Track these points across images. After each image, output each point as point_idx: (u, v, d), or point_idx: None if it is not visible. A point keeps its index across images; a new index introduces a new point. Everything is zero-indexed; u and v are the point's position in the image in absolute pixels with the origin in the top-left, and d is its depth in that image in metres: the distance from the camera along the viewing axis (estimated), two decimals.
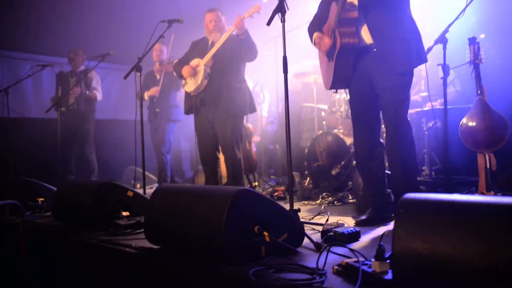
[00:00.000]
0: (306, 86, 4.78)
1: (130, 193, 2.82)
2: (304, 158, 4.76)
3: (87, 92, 5.35)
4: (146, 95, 5.02)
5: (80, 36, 6.02)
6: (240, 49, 3.50)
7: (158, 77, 5.05)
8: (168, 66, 4.94)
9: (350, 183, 3.75)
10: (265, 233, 1.75)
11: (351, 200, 3.42)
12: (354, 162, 3.68)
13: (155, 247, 2.09)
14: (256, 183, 4.52)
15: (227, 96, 3.60)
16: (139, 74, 3.44)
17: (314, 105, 4.41)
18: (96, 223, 2.68)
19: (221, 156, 3.82)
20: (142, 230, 2.54)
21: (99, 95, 5.48)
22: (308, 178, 4.21)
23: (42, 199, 3.63)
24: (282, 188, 4.21)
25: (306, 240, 1.96)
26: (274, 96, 5.00)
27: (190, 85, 3.66)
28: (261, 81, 5.18)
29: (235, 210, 1.68)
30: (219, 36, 3.65)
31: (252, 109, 3.75)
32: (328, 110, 4.29)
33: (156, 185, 5.87)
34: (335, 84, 2.51)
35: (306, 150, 4.28)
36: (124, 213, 2.74)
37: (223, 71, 3.60)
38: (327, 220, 2.50)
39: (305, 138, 4.86)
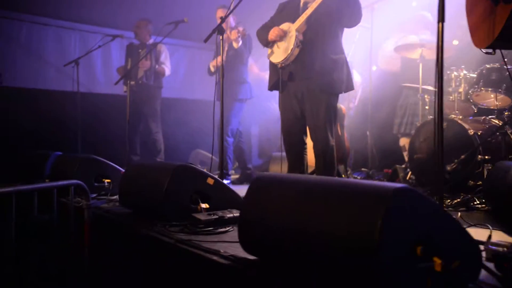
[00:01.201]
0: (408, 63, 4.01)
1: (210, 181, 2.31)
2: (404, 149, 4.05)
3: (156, 66, 4.96)
4: (211, 66, 4.48)
5: (150, 8, 5.67)
6: (342, 10, 2.84)
7: (226, 48, 4.40)
8: (233, 33, 4.24)
9: (472, 182, 3.00)
10: (436, 259, 1.13)
11: (479, 205, 2.68)
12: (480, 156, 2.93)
13: (252, 257, 1.55)
14: (344, 176, 3.87)
15: (321, 68, 2.97)
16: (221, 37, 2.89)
17: (419, 86, 3.65)
18: (170, 215, 2.21)
19: (309, 142, 3.22)
20: (227, 229, 2.03)
21: (167, 70, 5.07)
22: (410, 173, 3.50)
23: (108, 180, 3.27)
24: None
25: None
26: (367, 77, 4.27)
27: (278, 55, 3.06)
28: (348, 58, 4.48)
29: (391, 217, 1.08)
30: None
31: (350, 87, 3.09)
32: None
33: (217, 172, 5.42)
34: (501, 39, 1.75)
35: (409, 140, 3.56)
36: (203, 205, 2.24)
37: (318, 39, 2.97)
38: (490, 237, 1.82)
39: (405, 123, 4.10)
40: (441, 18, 1.60)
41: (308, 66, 2.98)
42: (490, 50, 1.91)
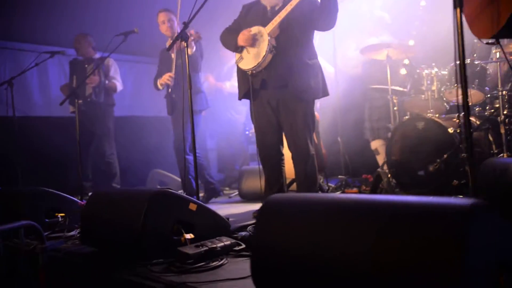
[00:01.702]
0: (372, 65, 3.94)
1: (193, 206, 2.00)
2: (377, 152, 3.96)
3: (106, 81, 4.53)
4: (159, 84, 4.03)
5: (88, 22, 5.17)
6: (317, 13, 2.67)
7: (173, 56, 3.99)
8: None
9: (456, 182, 2.93)
10: None
11: None
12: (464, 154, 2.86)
13: None
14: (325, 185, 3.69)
15: (297, 75, 2.77)
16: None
17: (388, 87, 3.57)
18: (150, 251, 1.86)
19: (285, 152, 2.99)
20: (221, 262, 1.74)
21: (119, 85, 4.65)
22: (389, 176, 3.38)
23: (62, 214, 2.83)
24: (355, 190, 3.40)
25: None
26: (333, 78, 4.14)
27: (248, 61, 2.82)
28: None
29: (474, 241, 0.86)
30: None
31: (325, 92, 2.92)
32: (409, 91, 3.45)
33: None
34: (509, 27, 1.62)
35: (382, 143, 3.45)
36: (188, 236, 1.92)
37: (293, 43, 2.77)
38: None
39: (376, 128, 4.01)
40: (458, 3, 1.44)
41: (283, 73, 2.77)
42: (492, 40, 1.80)
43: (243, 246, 1.94)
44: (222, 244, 1.89)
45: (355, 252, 1.02)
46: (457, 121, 3.09)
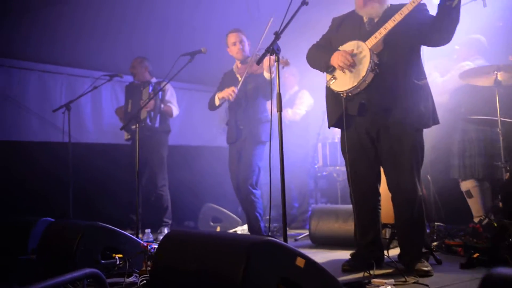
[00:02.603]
0: (471, 92, 3.41)
1: (300, 261, 1.52)
2: (470, 194, 3.41)
3: (162, 105, 4.21)
4: (217, 98, 3.55)
5: (145, 48, 4.93)
6: (431, 24, 2.23)
7: (240, 79, 3.51)
8: (266, 60, 3.05)
9: None
10: None
11: None
12: None
13: None
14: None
15: (404, 97, 2.31)
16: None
17: (497, 119, 2.97)
18: None
19: (383, 192, 2.50)
20: None
21: (175, 109, 4.31)
22: None
23: (120, 255, 2.42)
24: (458, 242, 2.82)
25: None
26: None
27: (344, 82, 2.39)
28: None
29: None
30: (378, 8, 2.39)
31: (435, 120, 2.44)
32: None
33: (242, 228, 4.60)
34: None
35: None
36: None
37: (398, 60, 2.33)
38: None
39: (468, 165, 3.43)
40: None
41: (386, 95, 2.32)
42: None
43: None
44: None
45: None
46: None
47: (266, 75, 3.30)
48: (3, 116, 4.88)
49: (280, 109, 2.14)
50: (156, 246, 1.94)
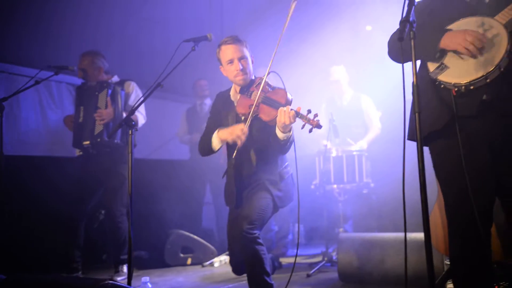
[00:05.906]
0: None
1: None
2: None
3: (124, 114, 3.24)
4: (216, 140, 2.34)
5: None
6: None
7: (241, 115, 2.33)
8: (288, 114, 2.08)
9: None
10: None
11: None
12: None
13: None
14: None
15: None
16: None
17: None
18: None
19: None
20: None
21: (141, 118, 3.43)
22: None
23: None
24: None
25: None
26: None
27: (463, 71, 1.68)
28: None
29: None
30: None
31: None
32: None
33: (220, 259, 3.82)
34: None
35: None
36: None
37: None
38: None
39: None
40: None
41: None
42: None
43: None
44: None
45: None
46: None
47: (280, 134, 2.17)
48: None
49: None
50: None
